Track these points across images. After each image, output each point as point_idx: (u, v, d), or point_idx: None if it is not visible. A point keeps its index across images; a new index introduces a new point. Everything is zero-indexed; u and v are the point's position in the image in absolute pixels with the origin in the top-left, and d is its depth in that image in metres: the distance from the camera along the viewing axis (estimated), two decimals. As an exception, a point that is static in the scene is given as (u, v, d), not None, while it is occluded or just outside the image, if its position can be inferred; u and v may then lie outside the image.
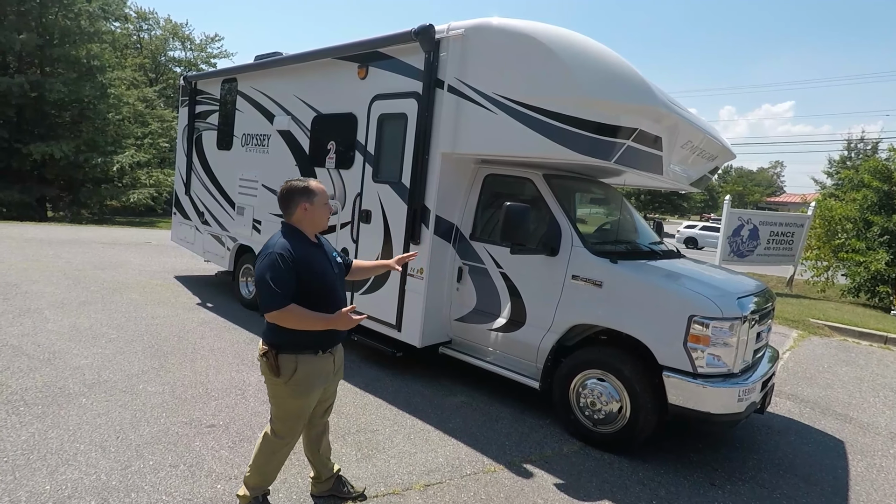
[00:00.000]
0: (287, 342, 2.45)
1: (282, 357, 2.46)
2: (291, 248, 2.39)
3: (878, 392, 5.97)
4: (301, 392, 2.51)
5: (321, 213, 2.54)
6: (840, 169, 32.34)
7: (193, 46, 31.16)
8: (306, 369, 2.48)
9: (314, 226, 2.56)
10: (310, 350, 2.49)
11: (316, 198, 2.53)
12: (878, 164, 12.26)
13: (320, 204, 2.54)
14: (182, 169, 8.21)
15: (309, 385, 2.51)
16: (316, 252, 2.52)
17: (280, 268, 2.32)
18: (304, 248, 2.46)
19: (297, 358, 2.47)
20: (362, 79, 5.14)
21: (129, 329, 5.56)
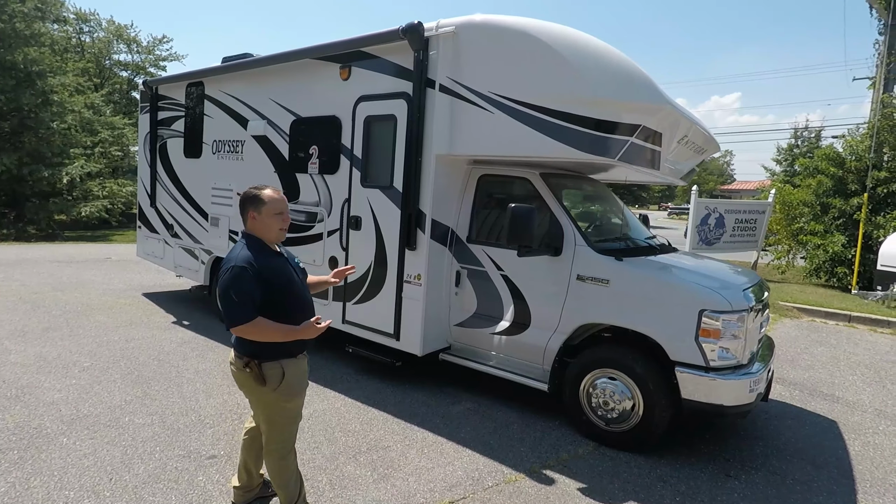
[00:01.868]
0: (266, 349, 2.41)
1: (265, 366, 2.41)
2: (253, 259, 2.35)
3: (855, 370, 6.22)
4: (292, 394, 2.49)
5: (269, 223, 2.45)
6: (788, 157, 33.85)
7: (140, 49, 29.75)
8: (292, 372, 2.47)
9: (265, 236, 2.48)
10: (289, 355, 2.47)
11: (263, 207, 2.44)
12: (832, 151, 12.86)
13: (269, 214, 2.44)
14: (146, 180, 7.76)
15: (299, 386, 2.52)
16: (279, 261, 2.48)
17: (243, 280, 2.28)
18: (266, 257, 2.42)
19: (280, 363, 2.44)
20: (345, 80, 4.94)
21: (103, 355, 5.19)
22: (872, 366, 6.41)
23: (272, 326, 2.32)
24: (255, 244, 2.44)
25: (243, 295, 2.27)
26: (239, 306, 2.27)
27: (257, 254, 2.39)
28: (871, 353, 7.09)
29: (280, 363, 2.45)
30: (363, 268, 4.80)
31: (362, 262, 4.80)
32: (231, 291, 2.28)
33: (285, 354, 2.46)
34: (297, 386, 2.51)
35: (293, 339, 2.35)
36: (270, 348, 2.42)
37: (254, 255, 2.37)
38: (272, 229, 2.46)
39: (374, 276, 4.72)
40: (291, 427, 2.58)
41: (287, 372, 2.45)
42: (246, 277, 2.29)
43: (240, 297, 2.26)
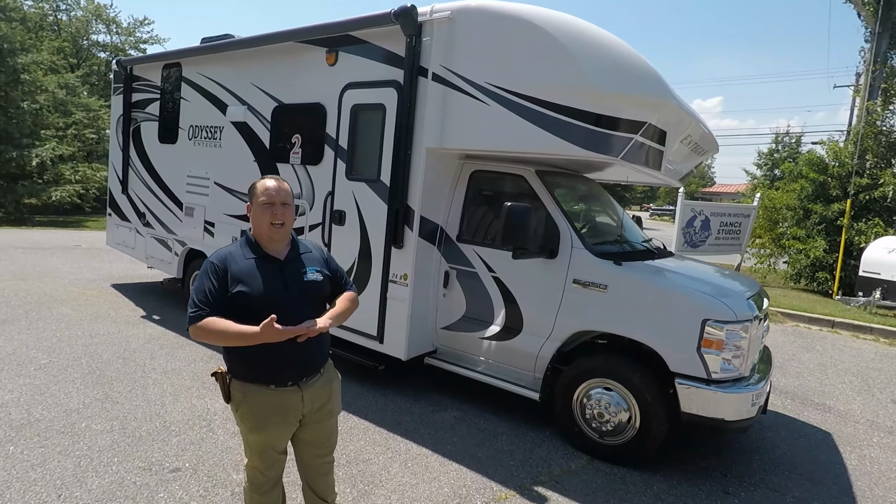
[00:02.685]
0: (236, 369, 2.11)
1: (233, 383, 2.11)
2: (228, 258, 2.08)
3: (843, 378, 6.16)
4: (253, 427, 2.11)
5: (257, 215, 2.12)
6: (769, 161, 34.27)
7: (120, 30, 28.78)
8: (253, 402, 2.09)
9: (257, 231, 2.15)
10: (258, 381, 2.08)
11: (254, 197, 2.14)
12: (814, 156, 12.92)
13: (256, 204, 2.13)
14: (117, 165, 7.35)
15: (259, 421, 2.09)
16: (263, 266, 2.10)
17: (206, 277, 2.03)
18: (248, 259, 2.10)
19: (244, 387, 2.09)
20: (331, 65, 4.65)
21: (63, 352, 4.84)
22: (859, 374, 6.37)
23: (224, 329, 1.95)
24: (245, 243, 2.16)
25: (201, 293, 2.01)
26: (193, 304, 2.00)
27: (239, 253, 2.10)
28: (857, 360, 7.07)
29: (243, 387, 2.08)
30: (346, 265, 4.52)
31: (346, 259, 4.53)
32: (193, 287, 2.05)
33: (256, 379, 2.08)
34: (258, 420, 2.09)
35: (249, 343, 1.95)
36: (239, 369, 2.09)
37: (236, 252, 2.10)
38: (262, 222, 2.11)
39: (357, 274, 4.46)
40: (259, 456, 2.16)
41: (245, 399, 2.08)
42: (209, 273, 2.03)
43: (196, 294, 2.01)
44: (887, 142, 12.51)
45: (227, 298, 2.02)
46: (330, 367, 2.30)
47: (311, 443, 2.26)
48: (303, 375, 2.14)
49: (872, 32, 13.62)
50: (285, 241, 2.19)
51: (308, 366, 2.15)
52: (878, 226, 11.41)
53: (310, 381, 2.16)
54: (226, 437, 3.50)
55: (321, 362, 2.22)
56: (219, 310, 1.99)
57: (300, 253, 2.21)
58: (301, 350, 2.06)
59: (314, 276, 2.18)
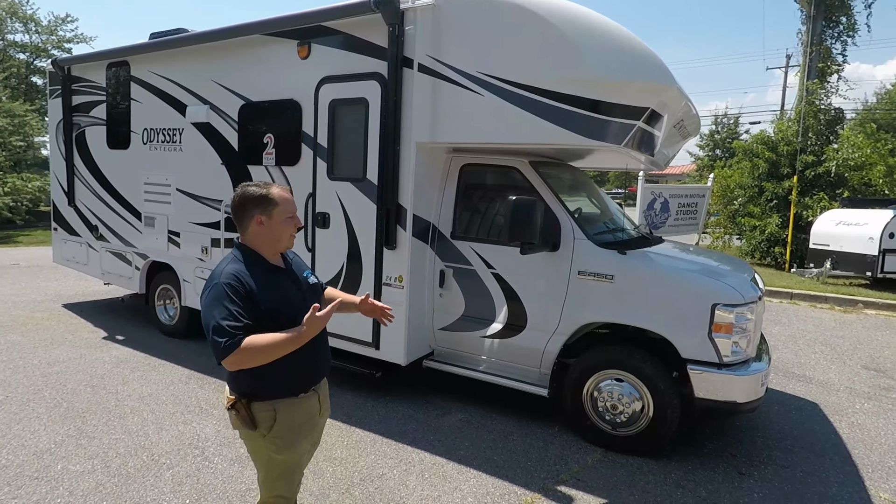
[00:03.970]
0: (258, 389, 1.93)
1: (255, 406, 1.93)
2: (243, 276, 1.87)
3: (814, 347, 6.45)
4: (286, 445, 1.97)
5: (282, 229, 1.96)
6: (710, 142, 35.69)
7: (40, 28, 26.66)
8: (288, 417, 1.96)
9: (273, 245, 1.99)
10: (287, 393, 1.97)
11: (276, 209, 1.94)
12: (765, 135, 13.50)
13: (281, 217, 1.95)
14: (60, 174, 6.74)
15: (294, 435, 1.98)
16: (274, 278, 1.97)
17: (227, 299, 1.80)
18: (258, 273, 1.92)
19: (273, 405, 1.94)
20: (304, 58, 4.38)
21: (20, 385, 4.38)
22: (827, 342, 6.68)
23: (268, 343, 1.78)
24: (248, 256, 1.95)
25: (227, 318, 1.78)
26: (222, 332, 1.76)
27: (247, 267, 1.91)
28: (821, 329, 7.43)
29: (273, 405, 1.94)
30: (335, 270, 4.30)
31: (333, 264, 4.30)
32: (213, 314, 1.79)
33: (281, 393, 1.96)
34: (294, 435, 1.99)
35: (299, 343, 1.81)
36: (264, 387, 1.94)
37: (241, 268, 1.90)
38: (283, 236, 1.97)
39: (347, 278, 4.24)
40: (288, 480, 2.08)
41: (280, 417, 1.95)
42: (230, 294, 1.81)
43: (223, 320, 1.77)
44: (826, 119, 13.24)
45: (252, 316, 1.82)
46: None
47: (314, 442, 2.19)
48: (319, 378, 2.11)
49: (808, 16, 14.33)
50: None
51: (323, 368, 2.13)
52: (823, 199, 12.05)
53: (320, 382, 2.14)
54: (224, 465, 3.23)
55: (329, 361, 2.21)
56: (250, 330, 1.80)
57: (289, 259, 2.14)
58: (319, 353, 2.05)
59: (313, 278, 2.16)
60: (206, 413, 3.96)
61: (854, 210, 11.01)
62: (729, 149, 30.98)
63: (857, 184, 12.88)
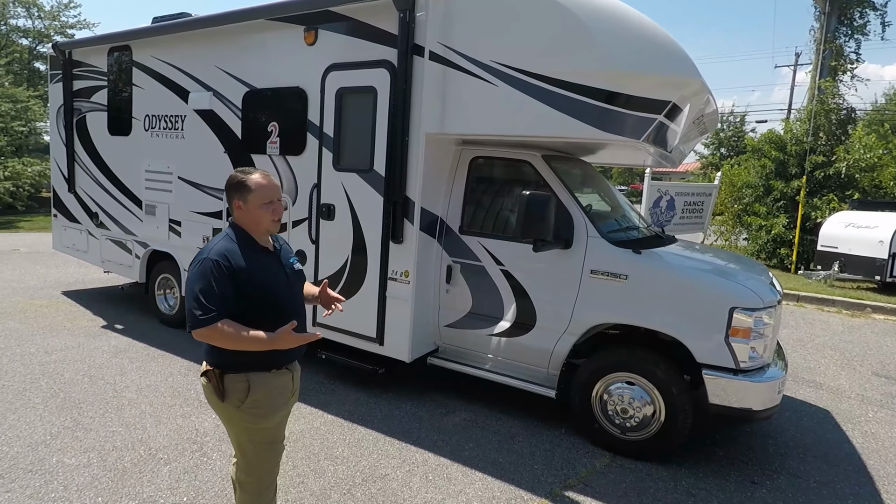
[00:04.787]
0: (233, 360, 1.98)
1: (228, 377, 1.99)
2: (231, 251, 1.96)
3: (823, 352, 6.34)
4: (262, 415, 2.03)
5: (257, 215, 2.03)
6: (715, 140, 35.39)
7: (43, 14, 26.47)
8: (263, 388, 2.02)
9: (255, 228, 2.06)
10: (262, 367, 2.03)
11: (250, 195, 2.01)
12: (774, 134, 13.32)
13: (256, 204, 2.01)
14: (61, 160, 6.64)
15: (270, 405, 2.04)
16: (264, 259, 2.05)
17: (213, 277, 1.90)
18: (248, 253, 2.00)
19: (248, 377, 2.00)
20: (310, 45, 4.25)
21: (17, 373, 4.30)
22: (836, 347, 6.57)
23: (238, 334, 1.88)
24: (238, 235, 2.04)
25: (209, 293, 1.87)
26: (201, 306, 1.86)
27: (238, 247, 1.99)
28: (829, 333, 7.31)
29: (247, 376, 1.99)
30: (338, 263, 4.20)
31: (337, 257, 4.20)
32: (196, 287, 1.89)
33: (256, 367, 2.00)
34: (268, 405, 2.03)
35: (265, 348, 1.90)
36: (239, 361, 1.97)
37: (233, 247, 1.98)
38: (261, 221, 2.04)
39: (351, 272, 4.14)
40: (266, 456, 2.11)
41: (253, 387, 1.99)
42: (216, 273, 1.90)
43: (204, 295, 1.87)
44: (837, 119, 13.05)
45: (238, 296, 1.92)
46: None
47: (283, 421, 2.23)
48: (293, 357, 2.14)
49: (822, 12, 14.11)
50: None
51: (298, 348, 2.10)
52: (833, 201, 11.90)
53: (293, 363, 2.17)
54: (223, 462, 3.14)
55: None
56: (229, 309, 1.90)
57: (279, 244, 2.20)
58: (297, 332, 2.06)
59: (298, 264, 2.22)
60: (205, 406, 3.86)
61: (864, 212, 10.85)
62: (734, 147, 30.74)
63: (868, 185, 12.71)
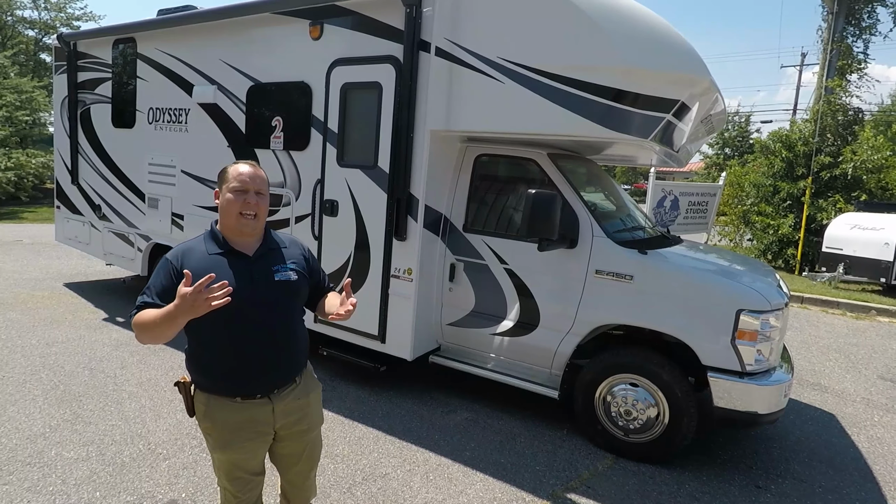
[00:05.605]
0: (197, 379, 1.89)
1: (197, 394, 1.89)
2: (186, 254, 1.82)
3: (828, 355, 6.29)
4: (216, 444, 1.88)
5: (226, 203, 1.83)
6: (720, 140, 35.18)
7: (49, 5, 26.46)
8: (216, 417, 1.84)
9: (224, 225, 1.87)
10: (222, 393, 1.84)
11: (224, 182, 1.86)
12: (782, 134, 13.21)
13: (226, 190, 1.84)
14: (64, 152, 6.62)
15: (224, 439, 1.85)
16: (228, 263, 1.82)
17: (158, 275, 1.80)
18: (211, 256, 1.82)
19: (208, 399, 1.85)
20: (316, 39, 4.21)
21: (18, 365, 4.29)
22: (840, 350, 6.52)
23: (146, 317, 1.69)
24: (210, 236, 1.87)
25: (148, 290, 1.79)
26: (136, 304, 1.77)
27: (202, 248, 1.84)
28: (834, 336, 7.26)
29: (207, 398, 1.85)
30: (341, 260, 4.17)
31: (340, 253, 4.17)
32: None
33: (216, 391, 1.84)
34: (225, 438, 1.84)
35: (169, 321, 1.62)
36: (199, 376, 1.87)
37: (194, 246, 1.85)
38: (230, 212, 1.82)
39: (353, 269, 4.11)
40: (227, 483, 1.91)
41: (210, 412, 1.84)
42: (161, 270, 1.81)
43: (144, 293, 1.79)
44: (844, 120, 12.95)
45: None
46: (308, 375, 2.03)
47: (289, 458, 2.01)
48: (273, 386, 1.88)
49: (830, 12, 13.98)
50: (256, 235, 1.90)
51: (279, 375, 1.89)
52: (839, 202, 11.81)
53: (283, 393, 1.90)
54: (222, 459, 3.12)
55: (296, 370, 1.95)
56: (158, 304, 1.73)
57: (272, 248, 1.93)
58: (271, 356, 1.85)
59: (286, 274, 1.89)
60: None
61: (869, 214, 10.76)
62: (738, 147, 30.53)
63: (874, 187, 12.62)
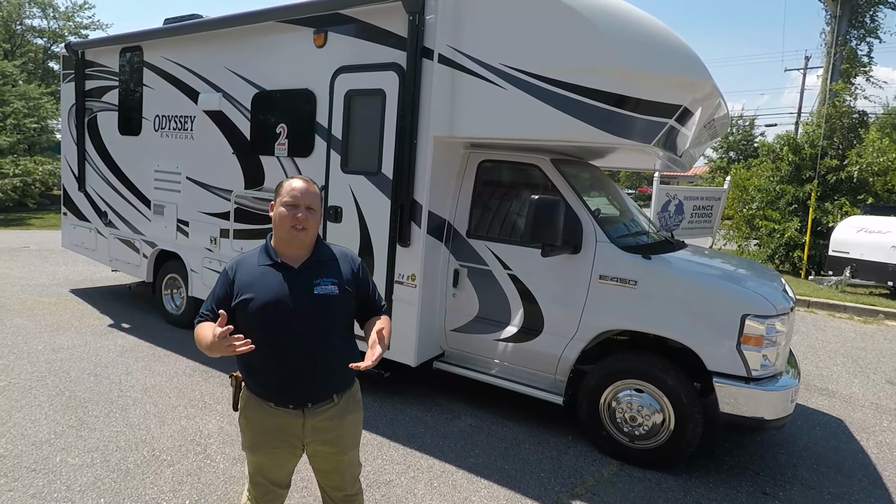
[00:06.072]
0: (242, 375, 1.97)
1: (243, 390, 1.97)
2: (240, 264, 1.93)
3: (835, 359, 6.24)
4: (245, 441, 1.96)
5: (278, 216, 1.89)
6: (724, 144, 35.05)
7: (58, 14, 26.79)
8: (250, 416, 1.93)
9: (277, 237, 1.93)
10: (257, 395, 1.91)
11: (279, 196, 1.92)
12: (790, 137, 13.15)
13: (278, 205, 1.90)
14: (71, 159, 6.68)
15: (253, 439, 1.93)
16: (273, 274, 1.87)
17: (217, 283, 1.94)
18: (259, 267, 1.90)
19: (248, 398, 1.94)
20: (320, 47, 4.24)
21: (24, 370, 4.31)
22: (848, 354, 6.47)
23: (199, 334, 1.82)
24: (262, 248, 1.96)
25: (208, 298, 1.93)
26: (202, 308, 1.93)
27: (255, 259, 1.93)
28: (841, 340, 7.21)
29: (248, 397, 1.94)
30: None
31: (344, 260, 4.17)
32: None
33: (254, 391, 1.93)
34: (254, 439, 1.92)
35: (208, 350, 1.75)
36: (245, 377, 1.95)
37: (248, 258, 1.95)
38: (281, 225, 1.88)
39: (357, 275, 4.11)
40: (249, 484, 1.99)
41: (244, 410, 1.95)
42: (220, 278, 1.94)
43: (206, 301, 1.93)
44: (850, 123, 12.89)
45: (232, 308, 1.85)
46: (350, 396, 2.00)
47: (319, 472, 2.05)
48: (308, 399, 1.89)
49: (833, 16, 13.95)
50: (305, 248, 1.93)
51: (314, 388, 1.89)
52: (845, 205, 11.74)
53: (317, 409, 1.90)
54: (227, 465, 3.13)
55: (333, 387, 1.93)
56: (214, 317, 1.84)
57: (319, 261, 1.94)
58: (306, 368, 1.86)
59: (327, 288, 1.88)
60: (210, 408, 3.86)
61: (876, 217, 10.70)
62: (743, 151, 30.38)
63: (881, 190, 12.54)
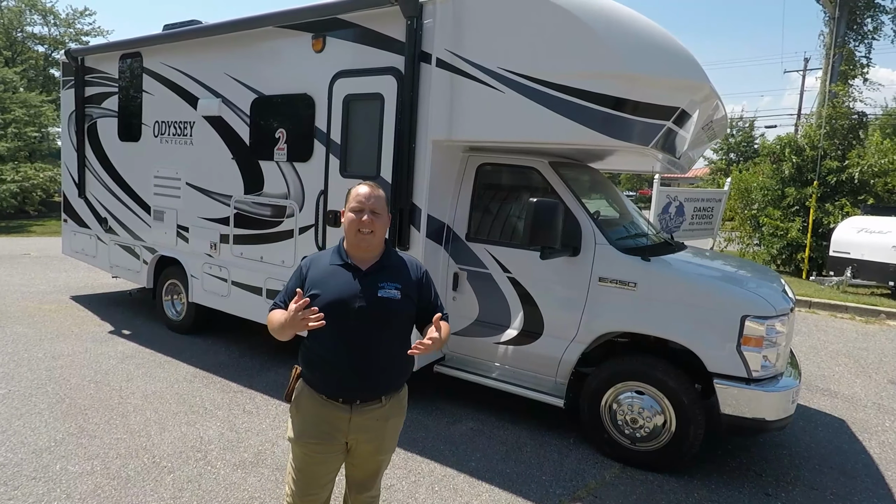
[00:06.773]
0: (301, 366, 2.06)
1: (299, 382, 2.07)
2: (314, 262, 2.06)
3: (837, 360, 6.22)
4: (293, 427, 2.03)
5: (346, 221, 2.01)
6: (724, 146, 35.06)
7: (59, 21, 26.91)
8: (302, 404, 2.02)
9: (346, 239, 2.05)
10: (311, 385, 2.02)
11: (346, 204, 2.04)
12: (792, 139, 13.14)
13: (346, 210, 2.02)
14: (71, 166, 6.69)
15: (302, 425, 2.00)
16: (342, 274, 1.99)
17: (291, 277, 2.08)
18: (331, 266, 2.02)
19: (304, 387, 2.04)
20: (318, 52, 4.26)
21: (24, 378, 4.31)
22: (850, 355, 6.45)
23: (273, 318, 1.95)
24: (336, 248, 2.07)
25: (283, 291, 2.05)
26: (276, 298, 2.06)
27: (327, 258, 2.05)
28: (843, 340, 7.19)
29: (304, 386, 2.04)
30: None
31: (343, 264, 4.18)
32: None
33: (308, 381, 2.03)
34: (304, 425, 2.00)
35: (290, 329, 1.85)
36: (303, 367, 2.04)
37: (321, 257, 2.08)
38: (349, 230, 2.01)
39: (357, 279, 4.11)
40: (289, 478, 2.06)
41: (298, 399, 2.05)
42: (294, 274, 2.07)
43: (280, 294, 2.06)
44: (850, 124, 12.89)
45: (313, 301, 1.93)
46: (397, 401, 2.08)
47: (356, 468, 2.13)
48: (357, 397, 1.98)
49: (832, 17, 14.00)
50: (374, 251, 2.03)
51: (365, 386, 1.98)
52: (845, 206, 11.73)
53: (364, 407, 1.98)
54: (227, 471, 3.12)
55: (383, 389, 2.02)
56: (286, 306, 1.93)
57: (386, 266, 2.04)
58: (361, 366, 1.95)
59: (390, 292, 1.98)
60: (210, 414, 3.85)
61: (877, 217, 10.69)
62: (743, 152, 30.36)
63: (881, 190, 12.53)
